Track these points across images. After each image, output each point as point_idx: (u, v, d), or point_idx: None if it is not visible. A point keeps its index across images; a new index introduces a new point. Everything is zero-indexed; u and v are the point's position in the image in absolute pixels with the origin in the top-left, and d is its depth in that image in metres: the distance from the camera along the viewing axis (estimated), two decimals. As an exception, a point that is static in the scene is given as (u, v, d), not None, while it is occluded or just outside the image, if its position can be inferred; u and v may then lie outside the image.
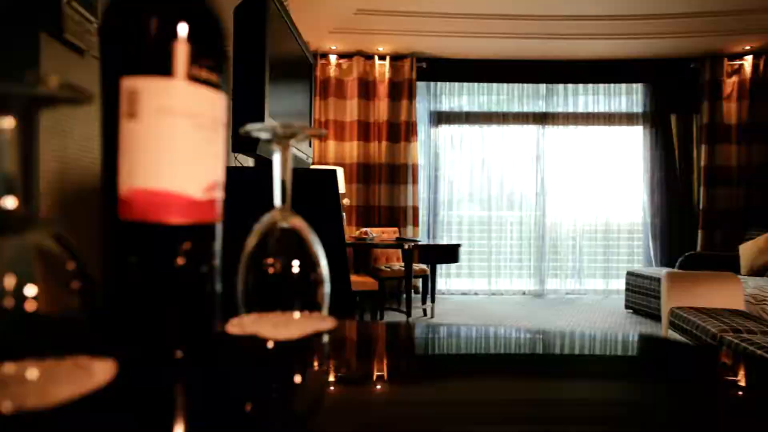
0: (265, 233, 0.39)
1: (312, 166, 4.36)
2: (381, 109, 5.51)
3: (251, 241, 0.39)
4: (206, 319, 0.33)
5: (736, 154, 5.31)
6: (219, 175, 0.33)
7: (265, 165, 1.75)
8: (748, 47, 5.17)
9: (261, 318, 0.38)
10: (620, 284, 5.66)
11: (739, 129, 5.32)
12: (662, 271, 4.47)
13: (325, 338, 0.39)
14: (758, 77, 5.29)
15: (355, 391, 0.33)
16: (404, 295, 4.13)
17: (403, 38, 4.99)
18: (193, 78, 0.30)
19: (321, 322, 0.39)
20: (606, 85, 5.69)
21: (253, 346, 0.36)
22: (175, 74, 0.29)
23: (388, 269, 4.63)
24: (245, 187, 1.18)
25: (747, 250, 4.58)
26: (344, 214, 4.64)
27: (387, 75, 5.48)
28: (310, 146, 2.49)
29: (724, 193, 5.32)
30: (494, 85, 5.79)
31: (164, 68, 0.29)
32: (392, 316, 4.60)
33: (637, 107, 5.69)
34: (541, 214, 5.75)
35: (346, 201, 4.54)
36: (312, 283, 0.39)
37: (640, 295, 4.57)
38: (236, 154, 1.77)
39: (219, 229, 0.34)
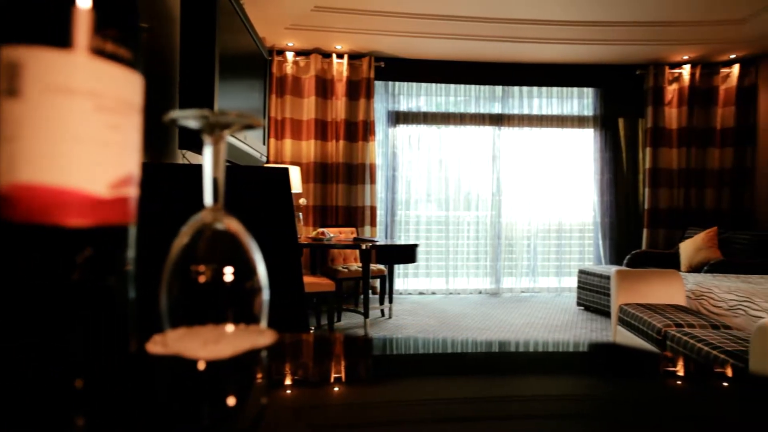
0: (194, 237, 0.34)
1: (268, 165, 4.25)
2: (339, 107, 5.45)
3: (177, 246, 0.34)
4: (115, 339, 0.28)
5: (676, 157, 5.59)
6: (131, 169, 0.28)
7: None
8: (686, 57, 5.45)
9: (188, 334, 0.33)
10: (572, 282, 5.85)
11: (679, 134, 5.60)
12: (611, 269, 4.64)
13: (263, 355, 0.34)
14: (695, 85, 5.59)
15: (292, 418, 0.29)
16: (362, 296, 4.09)
17: (361, 37, 4.95)
18: (94, 51, 0.25)
19: (258, 337, 0.34)
20: (559, 88, 5.87)
21: (175, 368, 0.31)
22: (71, 44, 0.24)
23: (346, 270, 4.58)
24: (191, 186, 1.11)
25: (686, 248, 4.83)
26: (301, 214, 4.56)
27: (345, 73, 5.42)
28: (264, 144, 2.41)
29: (666, 194, 5.60)
30: (452, 86, 5.85)
31: (57, 37, 0.24)
32: (350, 317, 4.56)
33: (588, 110, 5.90)
34: (496, 214, 5.85)
35: (302, 201, 4.45)
36: (248, 292, 0.35)
37: (591, 293, 4.73)
38: (184, 151, 1.68)
39: (132, 232, 0.29)
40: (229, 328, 0.34)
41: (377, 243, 4.03)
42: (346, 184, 5.50)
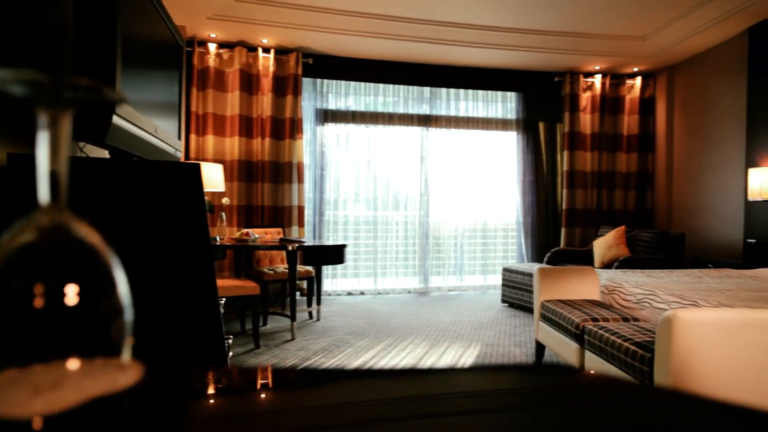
0: (26, 246, 0.25)
1: (177, 161, 3.99)
2: (265, 104, 5.26)
3: (-2, 258, 0.25)
4: None
5: (590, 160, 5.97)
6: None
7: (121, 156, 1.50)
8: (597, 67, 5.84)
9: (19, 378, 0.25)
10: (497, 280, 6.06)
11: (592, 138, 5.98)
12: (533, 267, 4.85)
13: (121, 401, 0.26)
14: (605, 94, 6.01)
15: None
16: (289, 298, 3.96)
17: (288, 31, 4.80)
18: None
19: (116, 375, 0.26)
20: (484, 91, 6.05)
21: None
22: None
23: (272, 271, 4.43)
24: (82, 185, 0.97)
25: (599, 246, 5.17)
26: (224, 214, 4.33)
27: (271, 69, 5.24)
28: (180, 139, 2.23)
29: (581, 195, 5.96)
30: (381, 85, 5.84)
31: None
32: (276, 321, 4.40)
33: (511, 114, 6.14)
34: (425, 214, 5.93)
35: (225, 200, 4.22)
36: (104, 315, 0.27)
37: (515, 290, 4.92)
38: (81, 144, 1.49)
39: None
40: (74, 365, 0.26)
41: (304, 243, 3.91)
42: (273, 183, 5.32)
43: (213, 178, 4.33)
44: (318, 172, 5.66)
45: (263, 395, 0.36)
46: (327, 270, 5.73)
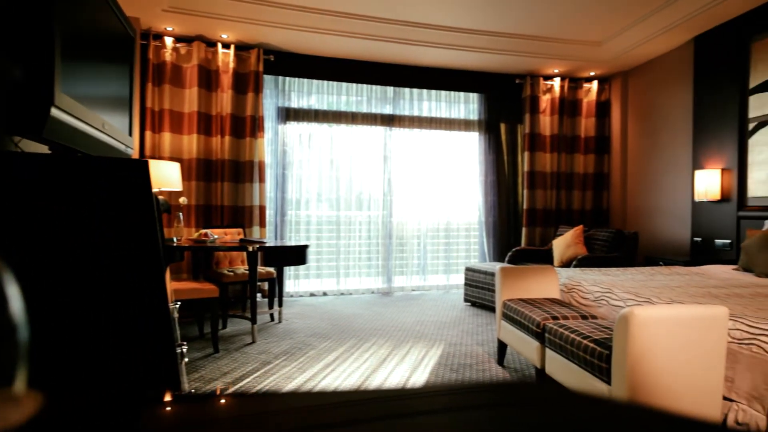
0: None
1: (124, 158, 3.82)
2: (224, 101, 5.11)
3: None
4: None
5: (549, 161, 6.11)
6: None
7: (62, 152, 1.40)
8: (556, 70, 5.98)
9: None
10: (460, 279, 6.12)
11: (551, 140, 6.13)
12: (495, 266, 4.92)
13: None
14: (564, 97, 6.16)
15: None
16: (249, 301, 3.86)
17: (249, 27, 4.68)
18: None
19: (4, 410, 0.22)
20: (447, 92, 6.10)
21: None
22: None
23: (232, 273, 4.30)
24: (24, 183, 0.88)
25: (558, 245, 5.29)
26: (181, 214, 4.18)
27: (231, 65, 5.10)
28: (131, 135, 2.12)
29: (541, 195, 6.09)
30: (344, 84, 5.79)
31: None
32: (237, 324, 4.28)
33: (474, 115, 6.21)
34: (388, 214, 5.92)
35: (183, 200, 4.07)
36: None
37: (477, 289, 4.97)
38: (17, 139, 1.39)
39: None
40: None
41: (266, 244, 3.82)
42: (233, 183, 5.18)
43: (170, 176, 4.17)
44: (280, 171, 5.56)
45: None
46: (289, 271, 5.64)
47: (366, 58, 5.59)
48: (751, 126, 4.28)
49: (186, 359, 1.63)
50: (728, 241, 4.41)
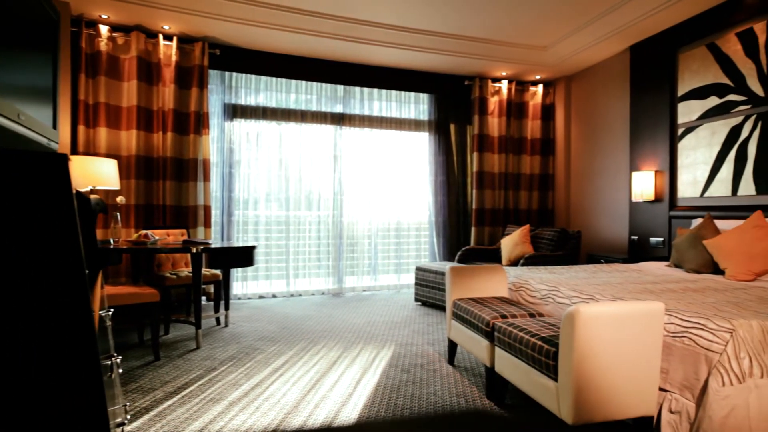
0: None
1: (77, 157, 3.55)
2: (166, 95, 4.87)
3: None
4: None
5: (497, 162, 6.26)
6: None
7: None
8: (504, 73, 6.13)
9: None
10: (411, 279, 6.15)
11: (499, 141, 6.27)
12: (445, 266, 4.97)
13: None
14: (511, 99, 6.33)
15: None
16: (194, 304, 3.69)
17: (192, 18, 4.48)
18: None
19: None
20: (398, 92, 6.11)
21: None
22: None
23: (175, 276, 4.10)
24: None
25: (506, 244, 5.42)
26: (119, 214, 3.93)
27: (174, 58, 4.87)
28: (56, 128, 1.96)
29: (490, 195, 6.23)
30: (293, 81, 5.68)
31: None
32: (181, 329, 4.09)
33: (424, 115, 6.26)
34: (338, 214, 5.85)
35: (120, 199, 3.83)
36: None
37: (428, 288, 5.00)
38: None
39: None
40: None
41: (211, 245, 3.66)
42: (176, 181, 4.95)
43: (106, 174, 3.92)
44: (226, 170, 5.36)
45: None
46: (236, 273, 5.46)
47: (316, 55, 5.50)
48: (680, 131, 4.55)
49: (120, 370, 1.51)
50: (661, 239, 4.68)
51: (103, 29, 4.58)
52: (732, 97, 4.04)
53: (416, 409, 2.43)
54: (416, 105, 6.22)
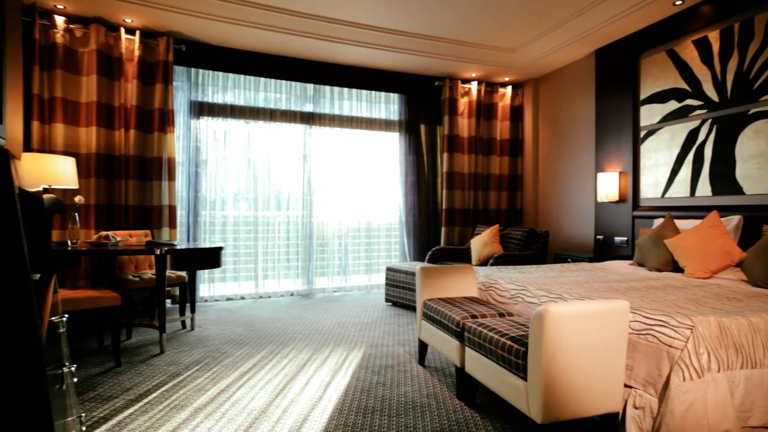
0: None
1: (30, 154, 3.37)
2: (129, 91, 4.70)
3: None
4: None
5: (467, 162, 6.31)
6: None
7: None
8: (474, 74, 6.19)
9: None
10: (381, 279, 6.14)
11: (469, 141, 6.33)
12: (415, 266, 4.97)
13: None
14: (481, 100, 6.40)
15: None
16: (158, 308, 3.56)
17: (155, 12, 4.34)
18: None
19: None
20: (368, 92, 6.09)
21: None
22: None
23: (138, 278, 3.96)
24: None
25: (476, 244, 5.47)
26: (77, 214, 3.77)
27: (137, 53, 4.70)
28: (1, 122, 1.85)
29: (459, 195, 6.27)
30: (262, 79, 5.58)
31: None
32: (144, 333, 3.95)
33: (394, 115, 6.25)
34: (308, 214, 5.78)
35: (79, 199, 3.67)
36: None
37: (398, 289, 4.99)
38: None
39: None
40: None
41: (176, 247, 3.55)
42: (139, 181, 4.79)
43: (63, 172, 3.75)
44: (192, 169, 5.22)
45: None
46: (203, 275, 5.32)
47: (286, 53, 5.42)
48: (642, 134, 4.69)
49: (75, 379, 1.43)
50: (625, 238, 4.81)
51: (59, 20, 4.38)
52: (690, 101, 4.19)
53: (387, 411, 2.41)
54: (387, 105, 6.21)
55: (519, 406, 1.99)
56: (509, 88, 6.52)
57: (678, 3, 4.10)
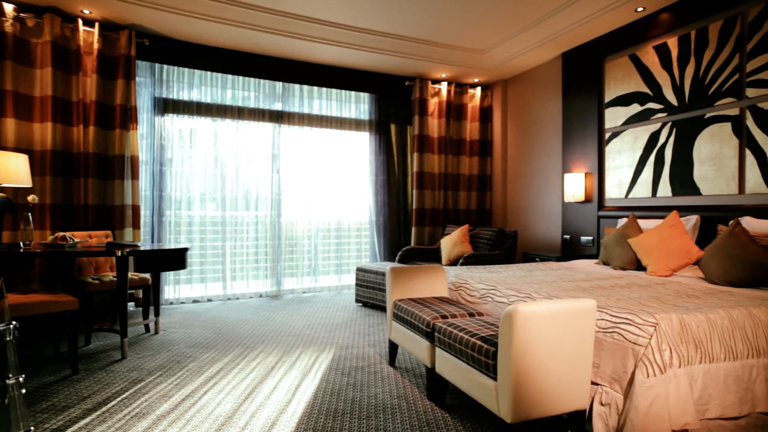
0: None
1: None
2: (88, 86, 4.51)
3: None
4: None
5: (437, 162, 6.34)
6: None
7: None
8: (444, 75, 6.22)
9: None
10: (352, 279, 6.10)
11: (439, 142, 6.36)
12: (386, 266, 4.95)
13: None
14: (450, 101, 6.44)
15: None
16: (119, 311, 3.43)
17: (116, 4, 4.17)
18: None
19: None
20: (338, 91, 6.03)
21: None
22: None
23: (98, 281, 3.81)
24: None
25: (446, 244, 5.49)
26: (30, 214, 3.58)
27: (96, 46, 4.52)
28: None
29: (430, 195, 6.30)
30: (229, 77, 5.45)
31: None
32: (105, 338, 3.80)
33: (365, 115, 6.22)
34: (276, 214, 5.69)
35: (32, 198, 3.49)
36: None
37: (368, 289, 4.96)
38: None
39: None
40: None
41: (139, 248, 3.42)
42: (99, 180, 4.60)
43: (14, 170, 3.56)
44: (157, 167, 5.06)
45: None
46: (168, 276, 5.17)
47: (254, 50, 5.32)
48: (607, 135, 4.81)
49: (23, 390, 1.35)
50: (591, 238, 4.92)
51: (8, 7, 4.15)
52: (651, 105, 4.32)
53: (357, 414, 2.38)
54: (357, 104, 6.17)
55: (489, 405, 1.99)
56: (479, 89, 6.59)
57: (639, 10, 4.22)
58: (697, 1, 3.91)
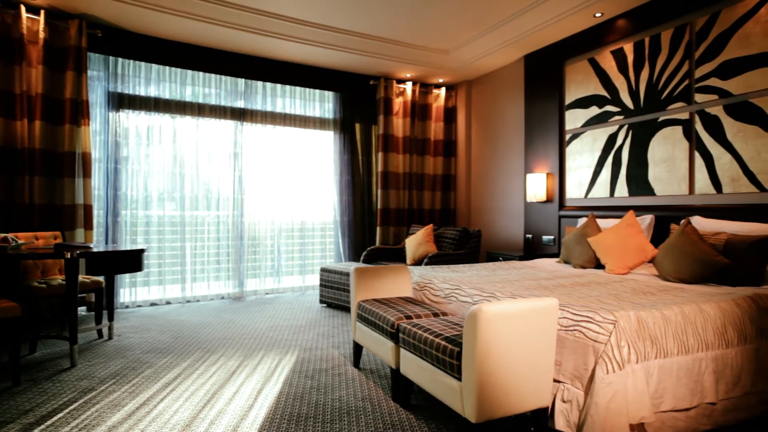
0: None
1: None
2: (33, 78, 4.27)
3: None
4: None
5: (402, 162, 6.34)
6: None
7: None
8: (409, 75, 6.23)
9: None
10: (316, 280, 6.02)
11: (404, 141, 6.37)
12: (350, 266, 4.91)
13: None
14: (415, 101, 6.46)
15: None
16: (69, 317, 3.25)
17: (66, -7, 3.96)
18: None
19: None
20: (302, 89, 5.94)
21: None
22: None
23: (45, 285, 3.60)
24: None
25: (411, 243, 5.50)
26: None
27: (42, 35, 4.28)
28: None
29: (394, 195, 6.29)
30: (189, 72, 5.28)
31: None
32: (53, 346, 3.59)
33: (329, 114, 6.16)
34: (239, 214, 5.55)
35: (-28, 197, 3.27)
36: None
37: (333, 290, 4.91)
38: None
39: None
40: None
41: (91, 249, 3.26)
42: (47, 177, 4.36)
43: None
44: (111, 165, 4.84)
45: None
46: (125, 279, 4.96)
47: (215, 45, 5.17)
48: (567, 137, 4.93)
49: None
50: (552, 237, 5.03)
51: (-50, -4, 3.89)
52: (609, 107, 4.45)
53: (320, 417, 2.33)
54: (321, 103, 6.10)
55: (454, 406, 1.99)
56: (443, 90, 6.63)
57: (598, 15, 4.34)
58: (650, 9, 4.05)
